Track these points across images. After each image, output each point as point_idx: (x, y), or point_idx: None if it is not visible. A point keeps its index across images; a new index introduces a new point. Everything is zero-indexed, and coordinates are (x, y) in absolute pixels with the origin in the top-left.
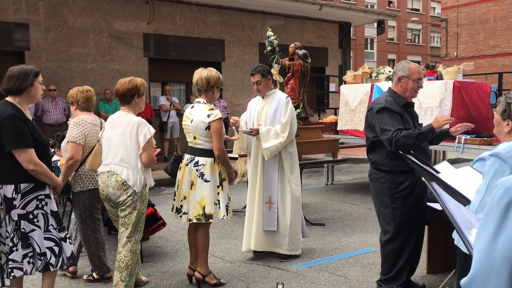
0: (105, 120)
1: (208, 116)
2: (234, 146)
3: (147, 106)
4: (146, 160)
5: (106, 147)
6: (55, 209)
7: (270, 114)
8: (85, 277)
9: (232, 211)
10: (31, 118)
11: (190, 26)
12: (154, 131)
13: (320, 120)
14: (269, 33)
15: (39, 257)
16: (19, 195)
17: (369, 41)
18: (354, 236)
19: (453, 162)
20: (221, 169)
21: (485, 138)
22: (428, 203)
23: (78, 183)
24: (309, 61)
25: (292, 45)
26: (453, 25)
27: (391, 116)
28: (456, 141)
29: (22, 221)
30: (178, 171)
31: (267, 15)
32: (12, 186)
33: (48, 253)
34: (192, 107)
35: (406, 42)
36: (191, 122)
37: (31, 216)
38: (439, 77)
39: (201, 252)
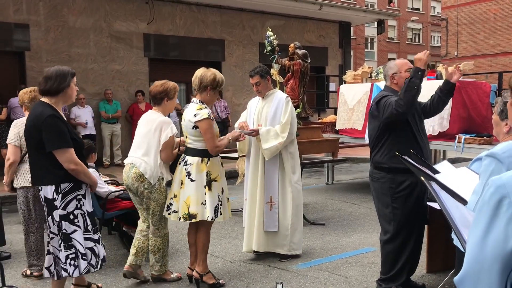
0: (105, 120)
1: (195, 115)
2: (238, 146)
3: (147, 106)
4: (164, 157)
5: (134, 141)
6: (90, 209)
7: (270, 114)
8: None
9: (232, 211)
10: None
11: (190, 26)
12: (177, 131)
13: (320, 120)
14: (269, 33)
15: (83, 258)
16: (60, 195)
17: (369, 41)
18: (354, 235)
19: (453, 161)
20: (211, 169)
21: (484, 138)
22: (428, 203)
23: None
24: (309, 61)
25: (292, 45)
26: (453, 25)
27: (391, 97)
28: (456, 141)
29: (63, 222)
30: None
31: (267, 15)
32: (53, 187)
33: (89, 253)
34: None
35: (406, 42)
36: (184, 121)
37: (71, 217)
38: (439, 77)
39: (201, 251)
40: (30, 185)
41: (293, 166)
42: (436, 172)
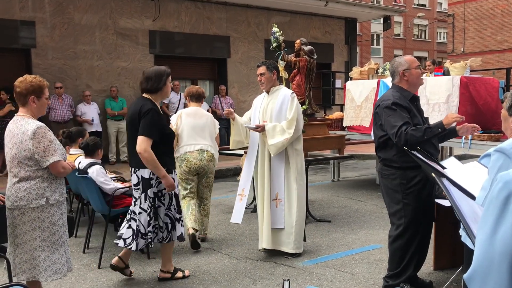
0: (111, 117)
1: None
2: (231, 139)
3: None
4: (218, 142)
5: (193, 130)
6: (177, 192)
7: (275, 110)
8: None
9: None
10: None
11: (196, 22)
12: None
13: (326, 117)
14: (275, 29)
15: (160, 230)
16: (155, 176)
17: (375, 37)
18: (361, 232)
19: (460, 158)
20: None
21: (492, 134)
22: (435, 200)
23: None
24: (315, 57)
25: (298, 41)
26: (460, 21)
27: (400, 111)
28: (464, 137)
29: (155, 198)
30: None
31: (272, 11)
32: (149, 169)
33: (164, 227)
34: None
35: (413, 38)
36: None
37: (159, 194)
38: (446, 73)
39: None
40: None
41: (299, 163)
42: (443, 168)
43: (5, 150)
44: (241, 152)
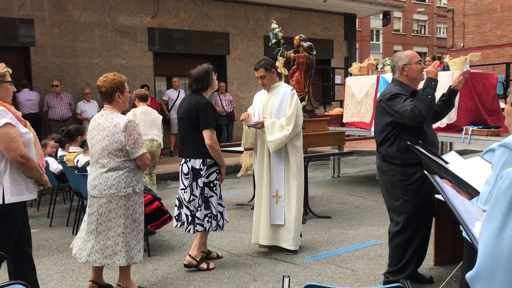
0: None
1: None
2: (242, 139)
3: (152, 100)
4: (162, 130)
5: (144, 125)
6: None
7: (275, 107)
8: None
9: (238, 205)
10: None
11: (195, 19)
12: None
13: (325, 113)
14: (274, 25)
15: (214, 219)
16: (205, 167)
17: (374, 33)
18: (361, 228)
19: (460, 153)
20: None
21: (492, 129)
22: (436, 195)
23: None
24: (314, 53)
25: (297, 37)
26: (459, 16)
27: (405, 98)
28: (463, 132)
29: (205, 188)
30: None
31: (271, 7)
32: (200, 160)
33: (219, 216)
34: None
35: (412, 33)
36: None
37: (211, 185)
38: (446, 68)
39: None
40: None
41: (298, 159)
42: (446, 163)
43: (92, 142)
44: (241, 149)
